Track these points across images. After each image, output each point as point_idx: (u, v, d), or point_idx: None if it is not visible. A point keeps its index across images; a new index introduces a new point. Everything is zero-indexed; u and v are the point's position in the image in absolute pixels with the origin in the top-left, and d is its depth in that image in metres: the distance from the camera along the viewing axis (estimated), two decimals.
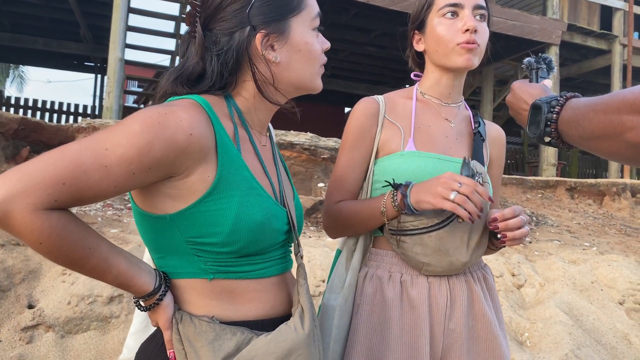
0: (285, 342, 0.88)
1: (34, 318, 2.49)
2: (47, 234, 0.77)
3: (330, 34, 8.46)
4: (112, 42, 6.09)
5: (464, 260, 1.21)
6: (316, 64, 1.00)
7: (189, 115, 0.86)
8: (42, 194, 0.76)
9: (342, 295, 1.26)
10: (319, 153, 5.59)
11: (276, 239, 0.96)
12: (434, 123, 1.32)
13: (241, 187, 0.91)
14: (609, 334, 3.37)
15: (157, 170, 0.84)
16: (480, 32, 1.26)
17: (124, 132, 0.82)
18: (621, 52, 9.17)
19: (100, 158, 0.80)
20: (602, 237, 5.48)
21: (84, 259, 0.81)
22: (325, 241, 3.91)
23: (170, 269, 0.94)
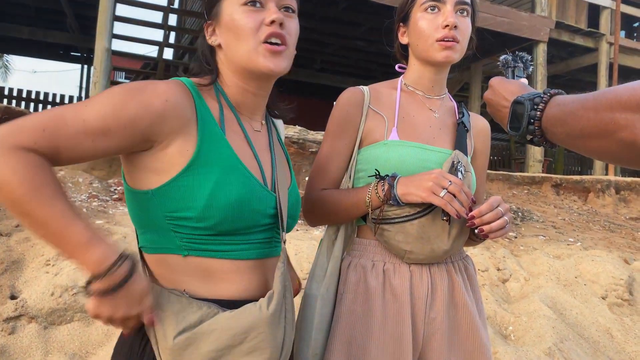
0: (246, 320, 0.89)
1: (17, 309, 2.46)
2: (22, 169, 0.78)
3: (320, 27, 8.43)
4: (98, 31, 6.01)
5: (446, 248, 1.23)
6: (249, 39, 0.97)
7: (167, 86, 0.92)
8: (23, 136, 0.81)
9: (323, 284, 1.27)
10: (307, 146, 5.58)
11: (257, 221, 0.97)
12: (418, 113, 1.34)
13: (221, 164, 0.93)
14: (592, 327, 3.42)
15: (132, 131, 0.87)
16: (461, 28, 1.27)
17: (105, 93, 0.89)
18: (608, 51, 9.26)
19: (80, 112, 0.85)
20: (586, 233, 5.54)
21: (41, 207, 0.79)
22: (312, 234, 3.91)
23: (147, 244, 0.97)
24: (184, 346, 0.87)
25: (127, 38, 8.34)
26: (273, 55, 0.98)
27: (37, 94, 11.52)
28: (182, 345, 0.87)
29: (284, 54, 0.99)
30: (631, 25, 12.81)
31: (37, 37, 9.38)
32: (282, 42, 0.99)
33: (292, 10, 1.03)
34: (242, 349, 0.88)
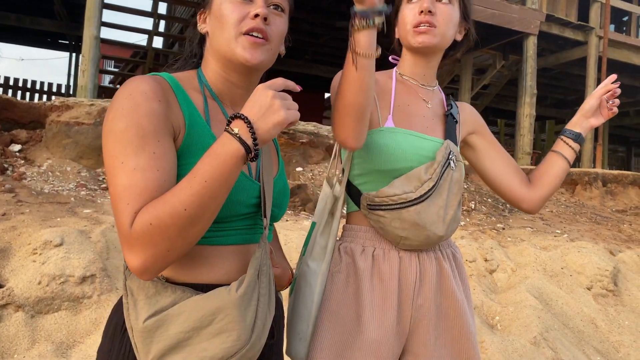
0: (214, 302, 0.89)
1: (3, 297, 2.45)
2: (153, 214, 0.82)
3: (311, 18, 8.39)
4: (87, 18, 5.94)
5: (441, 234, 1.25)
6: (230, 29, 0.99)
7: (150, 86, 0.93)
8: (126, 215, 0.83)
9: (324, 261, 1.29)
10: (297, 137, 5.58)
11: (238, 210, 0.98)
12: (412, 102, 1.35)
13: (202, 154, 0.92)
14: (577, 318, 3.46)
15: (162, 136, 0.89)
16: (438, 13, 1.29)
17: (116, 139, 0.88)
18: (597, 44, 9.31)
19: (127, 170, 0.85)
20: (573, 225, 5.60)
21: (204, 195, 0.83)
22: (302, 224, 3.92)
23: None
24: (153, 328, 0.89)
25: (116, 26, 8.25)
26: (251, 46, 0.98)
27: (24, 82, 11.38)
28: (151, 328, 0.89)
29: (263, 48, 1.00)
30: (620, 19, 12.88)
31: (24, 24, 9.24)
32: (263, 36, 0.99)
33: (281, 9, 1.04)
34: (210, 331, 0.89)
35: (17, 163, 4.28)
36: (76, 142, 4.54)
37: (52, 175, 4.22)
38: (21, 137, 4.62)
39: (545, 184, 1.42)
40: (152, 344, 0.89)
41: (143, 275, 0.85)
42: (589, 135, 9.59)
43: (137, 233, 0.82)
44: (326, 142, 5.73)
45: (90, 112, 4.66)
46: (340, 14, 8.38)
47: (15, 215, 3.13)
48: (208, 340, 0.89)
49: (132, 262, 0.83)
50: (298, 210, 4.73)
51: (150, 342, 0.89)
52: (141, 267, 0.83)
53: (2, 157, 4.28)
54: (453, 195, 1.27)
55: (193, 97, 1.00)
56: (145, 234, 0.81)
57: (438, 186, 1.24)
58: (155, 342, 0.89)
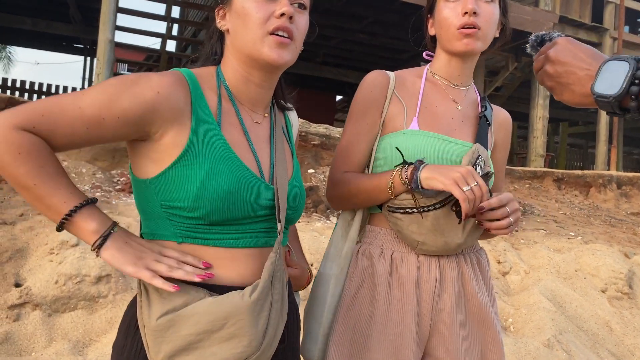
0: (226, 306, 0.90)
1: (21, 296, 2.49)
2: (26, 147, 0.86)
3: (323, 21, 8.41)
4: (102, 22, 6.02)
5: (459, 242, 1.21)
6: (256, 29, 0.98)
7: (160, 79, 0.94)
8: (23, 118, 0.87)
9: (337, 264, 1.29)
10: (309, 139, 5.59)
11: (251, 212, 0.98)
12: (440, 104, 1.32)
13: (213, 155, 0.94)
14: (591, 320, 3.44)
15: (125, 121, 0.91)
16: (482, 14, 1.24)
17: (102, 83, 0.93)
18: (611, 45, 9.23)
19: (77, 101, 0.90)
20: (587, 227, 5.56)
21: (30, 187, 0.88)
22: (314, 226, 3.93)
23: (147, 230, 1.00)
24: (165, 328, 0.89)
25: (130, 30, 8.34)
26: (278, 46, 0.98)
27: (40, 85, 11.54)
28: (163, 327, 0.89)
29: (289, 47, 1.00)
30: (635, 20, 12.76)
31: (40, 29, 9.37)
32: (289, 35, 0.99)
33: (303, 6, 1.04)
34: (221, 335, 0.89)
35: None
36: None
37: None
38: None
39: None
40: (163, 343, 0.90)
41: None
42: (603, 138, 9.50)
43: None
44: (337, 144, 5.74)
45: None
46: (351, 17, 8.40)
47: (33, 215, 3.18)
48: (218, 344, 0.89)
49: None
50: (310, 212, 4.74)
51: (161, 342, 0.90)
52: None
53: None
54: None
55: (208, 97, 1.00)
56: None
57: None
58: (166, 342, 0.90)
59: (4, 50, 19.27)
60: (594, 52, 0.88)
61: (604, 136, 9.47)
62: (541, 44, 1.05)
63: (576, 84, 0.87)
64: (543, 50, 0.95)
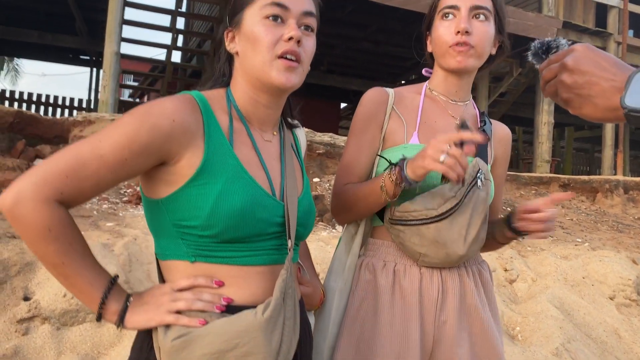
0: (240, 325, 0.91)
1: (30, 310, 2.51)
2: (56, 223, 0.87)
3: (327, 29, 8.45)
4: (108, 35, 6.08)
5: (461, 253, 1.23)
6: (265, 52, 0.99)
7: (173, 104, 0.95)
8: (50, 187, 0.86)
9: (342, 277, 1.30)
10: (314, 148, 5.61)
11: (263, 229, 0.99)
12: (439, 119, 1.35)
13: (226, 174, 0.96)
14: (599, 328, 3.42)
15: (147, 156, 0.92)
16: (475, 32, 1.27)
17: (116, 125, 0.93)
18: (616, 50, 9.21)
19: (96, 149, 0.90)
20: (594, 233, 5.53)
21: (58, 265, 0.90)
22: (320, 235, 3.94)
23: (160, 250, 1.02)
24: (180, 349, 0.90)
25: (135, 41, 8.41)
26: (286, 70, 0.99)
27: (47, 97, 11.63)
28: (178, 348, 0.90)
29: (297, 70, 1.01)
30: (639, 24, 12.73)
31: (46, 41, 9.47)
32: (296, 59, 1.00)
33: (311, 29, 1.05)
34: (236, 354, 0.90)
35: None
36: None
37: None
38: (45, 153, 4.73)
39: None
40: None
41: None
42: (609, 142, 9.47)
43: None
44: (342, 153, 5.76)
45: None
46: (355, 25, 8.45)
47: None
48: None
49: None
50: (316, 221, 4.75)
51: None
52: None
53: None
54: (477, 214, 1.25)
55: (220, 118, 1.01)
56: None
57: (462, 204, 1.22)
58: None
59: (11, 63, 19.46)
60: (617, 60, 0.80)
61: (610, 140, 9.44)
62: (547, 51, 0.99)
63: (600, 97, 0.78)
64: (557, 57, 0.85)
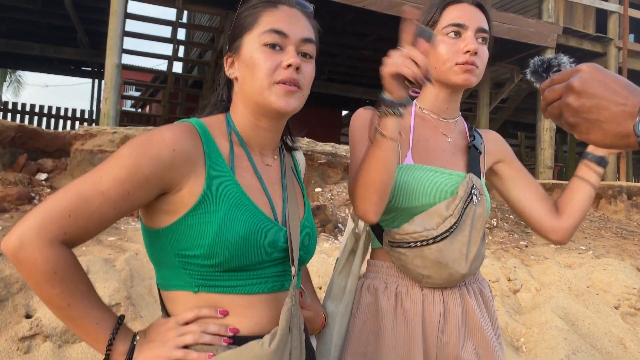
0: (247, 357, 0.90)
1: (32, 328, 2.50)
2: (61, 265, 0.86)
3: (328, 38, 8.48)
4: (109, 48, 6.10)
5: (463, 272, 1.23)
6: (263, 79, 1.00)
7: (173, 134, 0.94)
8: (53, 228, 0.85)
9: (342, 301, 1.29)
10: (315, 158, 5.61)
11: (266, 256, 0.98)
12: (431, 137, 1.35)
13: (228, 201, 0.95)
14: (604, 338, 3.39)
15: (149, 187, 0.91)
16: (480, 54, 1.29)
17: (115, 158, 0.91)
18: (616, 55, 9.21)
19: (97, 185, 0.89)
20: (598, 241, 5.50)
21: (64, 307, 0.89)
22: (322, 247, 3.93)
23: (162, 280, 1.00)
24: None
25: (137, 53, 8.45)
26: (286, 94, 1.00)
27: (49, 109, 11.68)
28: None
29: (296, 94, 1.01)
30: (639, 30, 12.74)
31: (48, 54, 9.52)
32: (295, 85, 1.01)
33: (309, 56, 1.05)
34: None
35: (43, 192, 4.38)
36: None
37: None
38: (47, 166, 4.74)
39: (572, 213, 1.38)
40: None
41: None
42: None
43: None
44: (344, 162, 5.75)
45: (113, 139, 4.76)
46: (355, 34, 8.47)
47: None
48: None
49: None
50: (318, 232, 4.74)
51: None
52: None
53: (29, 186, 4.39)
54: (476, 231, 1.25)
55: (220, 144, 1.01)
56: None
57: (460, 222, 1.22)
58: None
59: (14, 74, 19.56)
60: (628, 83, 0.74)
61: None
62: (547, 69, 0.96)
63: (609, 122, 0.72)
64: (561, 77, 0.77)
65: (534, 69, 0.98)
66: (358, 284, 1.31)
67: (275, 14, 1.03)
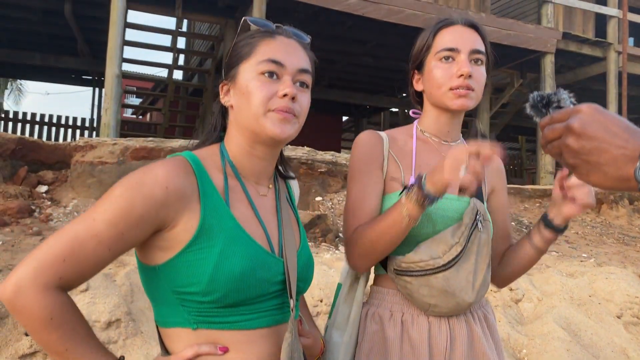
0: None
1: (32, 345, 2.50)
2: (58, 311, 0.85)
3: (328, 45, 8.49)
4: (109, 58, 6.11)
5: (470, 301, 1.21)
6: (259, 107, 1.00)
7: (166, 171, 0.93)
8: (49, 273, 0.84)
9: (346, 332, 1.27)
10: (316, 167, 5.61)
11: (265, 289, 0.97)
12: (434, 161, 1.32)
13: (224, 236, 0.94)
14: (607, 348, 3.37)
15: (143, 226, 0.90)
16: (475, 76, 1.27)
17: (108, 199, 0.90)
18: (616, 59, 9.20)
19: (91, 228, 0.88)
20: (600, 247, 5.49)
21: (62, 352, 0.88)
22: (322, 258, 3.92)
23: (161, 317, 0.99)
24: None
25: (137, 62, 8.46)
26: (281, 121, 1.00)
27: (50, 117, 11.69)
28: None
29: (292, 121, 1.01)
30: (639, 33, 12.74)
31: (49, 63, 9.54)
32: (291, 113, 1.01)
33: (306, 85, 1.06)
34: None
35: (43, 204, 4.38)
36: (100, 181, 4.63)
37: (77, 216, 4.32)
38: (47, 178, 4.74)
39: (509, 265, 1.37)
40: None
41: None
42: None
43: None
44: (344, 171, 5.75)
45: (113, 151, 4.76)
46: (355, 41, 8.48)
47: None
48: None
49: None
50: (319, 242, 4.73)
51: None
52: None
53: (29, 199, 4.39)
54: (482, 258, 1.24)
55: (214, 177, 1.00)
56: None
57: (466, 250, 1.21)
58: None
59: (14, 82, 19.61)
60: (628, 124, 0.73)
61: None
62: (547, 105, 0.94)
63: (610, 165, 0.71)
64: (560, 117, 0.76)
65: (533, 103, 0.95)
66: (362, 311, 1.29)
67: (273, 44, 1.03)
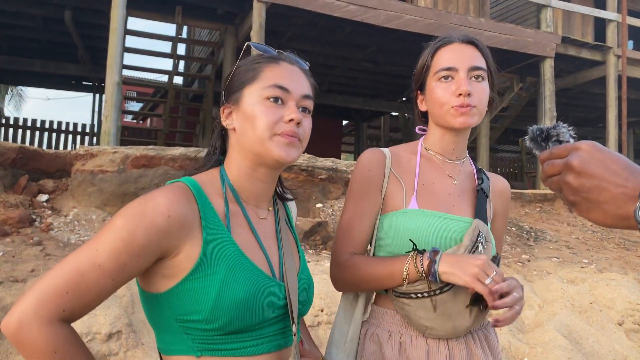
0: None
1: None
2: (61, 344, 0.85)
3: (328, 51, 8.51)
4: (109, 66, 6.12)
5: (467, 325, 1.21)
6: (265, 130, 1.01)
7: (167, 199, 0.93)
8: (51, 306, 0.85)
9: (344, 350, 1.27)
10: (316, 173, 5.61)
11: (267, 315, 0.98)
12: (437, 180, 1.33)
13: (226, 263, 0.94)
14: (609, 356, 3.37)
15: (145, 256, 0.90)
16: (475, 93, 1.27)
17: (110, 229, 0.90)
18: (616, 63, 9.21)
19: (93, 259, 0.88)
20: (600, 253, 5.48)
21: None
22: (323, 266, 3.91)
23: (164, 345, 0.99)
24: None
25: (137, 68, 8.48)
26: (287, 145, 1.01)
27: (50, 124, 11.71)
28: None
29: (297, 145, 1.03)
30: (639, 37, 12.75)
31: (49, 70, 9.56)
32: (296, 137, 1.02)
33: (308, 111, 1.07)
34: None
35: (44, 213, 4.39)
36: (100, 190, 4.64)
37: (78, 225, 4.32)
38: (48, 187, 4.75)
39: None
40: None
41: None
42: None
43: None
44: (345, 177, 5.75)
45: (114, 159, 4.77)
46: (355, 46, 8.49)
47: (44, 271, 3.20)
48: None
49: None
50: (319, 250, 4.73)
51: None
52: None
53: (30, 208, 4.39)
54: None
55: (215, 203, 1.00)
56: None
57: None
58: None
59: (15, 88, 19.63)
60: (628, 162, 0.73)
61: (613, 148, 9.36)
62: (546, 139, 0.94)
63: (609, 203, 0.71)
64: (560, 153, 0.77)
65: (532, 136, 0.96)
66: (361, 331, 1.29)
67: (277, 70, 1.05)
